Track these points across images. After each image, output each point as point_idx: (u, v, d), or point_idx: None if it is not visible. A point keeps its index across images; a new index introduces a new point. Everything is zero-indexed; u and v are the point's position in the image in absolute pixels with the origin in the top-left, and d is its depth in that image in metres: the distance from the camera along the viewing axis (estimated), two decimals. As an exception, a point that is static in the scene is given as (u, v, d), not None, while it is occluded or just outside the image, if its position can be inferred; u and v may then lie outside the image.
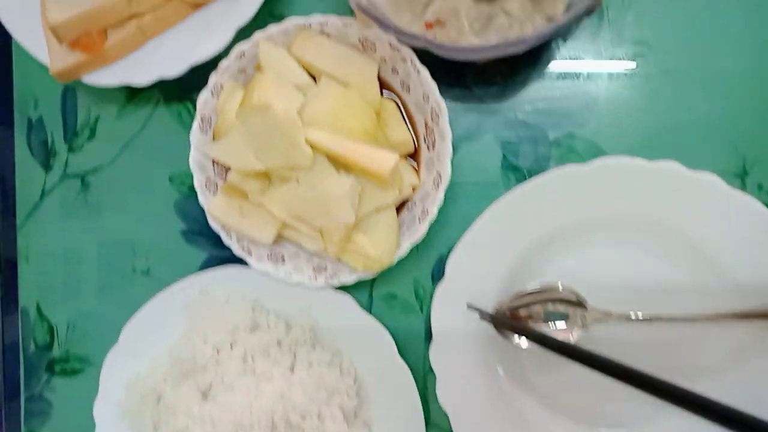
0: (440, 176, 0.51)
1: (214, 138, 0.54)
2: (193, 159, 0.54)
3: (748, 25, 0.55)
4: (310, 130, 0.49)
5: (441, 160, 0.51)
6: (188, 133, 0.61)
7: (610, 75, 0.57)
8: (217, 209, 0.52)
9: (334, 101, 0.50)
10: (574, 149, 0.57)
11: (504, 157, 0.58)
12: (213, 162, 0.55)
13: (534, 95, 0.58)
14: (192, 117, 0.62)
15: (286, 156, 0.49)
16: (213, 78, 0.53)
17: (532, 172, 0.58)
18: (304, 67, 0.53)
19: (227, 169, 0.55)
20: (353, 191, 0.48)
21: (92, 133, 0.65)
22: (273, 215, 0.52)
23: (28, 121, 0.66)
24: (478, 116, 0.59)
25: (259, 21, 0.57)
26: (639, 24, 0.56)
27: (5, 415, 0.66)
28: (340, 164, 0.50)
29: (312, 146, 0.49)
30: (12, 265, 0.67)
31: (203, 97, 0.53)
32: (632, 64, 0.56)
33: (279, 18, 0.60)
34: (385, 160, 0.48)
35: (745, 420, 0.33)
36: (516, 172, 0.58)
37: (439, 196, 0.51)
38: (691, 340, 0.54)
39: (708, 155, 0.56)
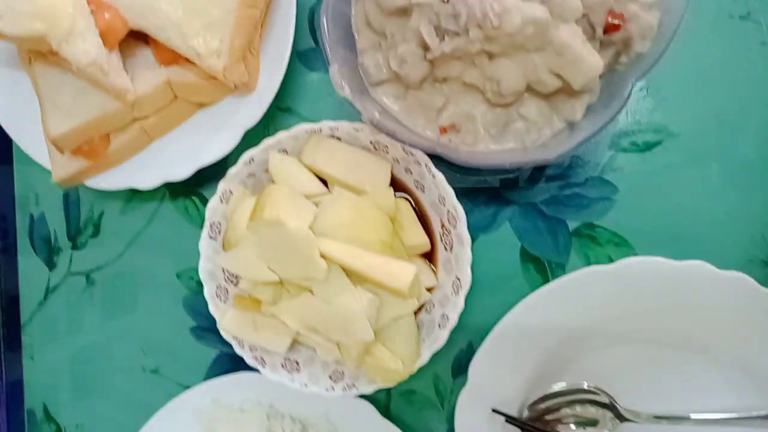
0: (460, 281, 0.49)
1: (224, 245, 0.52)
2: (203, 268, 0.52)
3: (769, 111, 0.54)
4: (324, 242, 0.47)
5: (460, 265, 0.49)
6: (195, 227, 0.60)
7: (630, 163, 0.55)
8: (229, 323, 0.50)
9: (348, 212, 0.48)
10: (596, 239, 0.55)
11: (522, 247, 0.56)
12: (223, 268, 0.53)
13: (551, 183, 0.56)
14: (198, 211, 0.60)
15: (300, 269, 0.47)
16: (222, 185, 0.51)
17: (553, 264, 0.56)
18: (315, 173, 0.51)
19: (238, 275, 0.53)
20: (371, 307, 0.47)
21: (96, 230, 0.63)
22: (287, 325, 0.50)
23: (30, 218, 0.64)
24: (494, 205, 0.57)
25: (267, 113, 0.55)
26: (658, 111, 0.54)
27: None
28: (356, 275, 0.48)
29: (326, 258, 0.47)
30: (17, 365, 0.65)
31: (212, 204, 0.52)
32: (652, 152, 0.55)
33: (286, 110, 0.59)
34: (403, 274, 0.46)
35: None
36: (536, 263, 0.56)
37: (460, 303, 0.49)
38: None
39: (734, 244, 0.54)
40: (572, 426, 0.52)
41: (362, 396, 0.54)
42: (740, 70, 0.54)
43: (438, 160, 0.48)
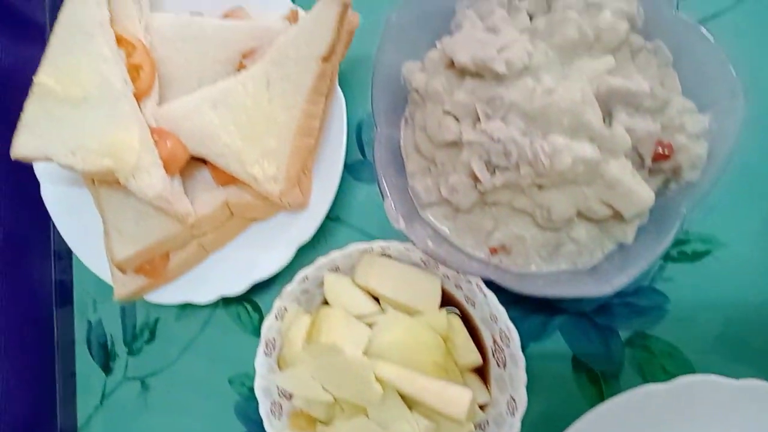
0: (515, 403, 0.49)
1: (279, 362, 0.53)
2: (258, 386, 0.53)
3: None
4: (379, 365, 0.47)
5: (515, 385, 0.49)
6: (247, 333, 0.62)
7: (680, 272, 0.55)
8: (285, 445, 0.51)
9: (402, 335, 0.49)
10: (649, 349, 0.55)
11: (574, 356, 0.56)
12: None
13: (600, 292, 0.56)
14: (250, 318, 0.62)
15: (355, 392, 0.48)
16: (278, 303, 0.53)
17: (606, 374, 0.56)
18: (368, 291, 0.52)
19: (293, 391, 0.54)
20: (428, 434, 0.47)
21: (152, 336, 0.65)
22: (342, 446, 0.50)
23: (87, 324, 0.66)
24: (544, 314, 0.57)
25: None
26: (706, 220, 0.55)
27: None
28: (411, 399, 0.48)
29: (382, 382, 0.47)
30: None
31: (268, 323, 0.53)
32: (702, 261, 0.54)
33: (336, 220, 0.61)
34: (459, 400, 0.46)
35: None
36: (588, 372, 0.56)
37: (516, 425, 0.49)
38: None
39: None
40: None
41: None
42: (789, 178, 0.54)
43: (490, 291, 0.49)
